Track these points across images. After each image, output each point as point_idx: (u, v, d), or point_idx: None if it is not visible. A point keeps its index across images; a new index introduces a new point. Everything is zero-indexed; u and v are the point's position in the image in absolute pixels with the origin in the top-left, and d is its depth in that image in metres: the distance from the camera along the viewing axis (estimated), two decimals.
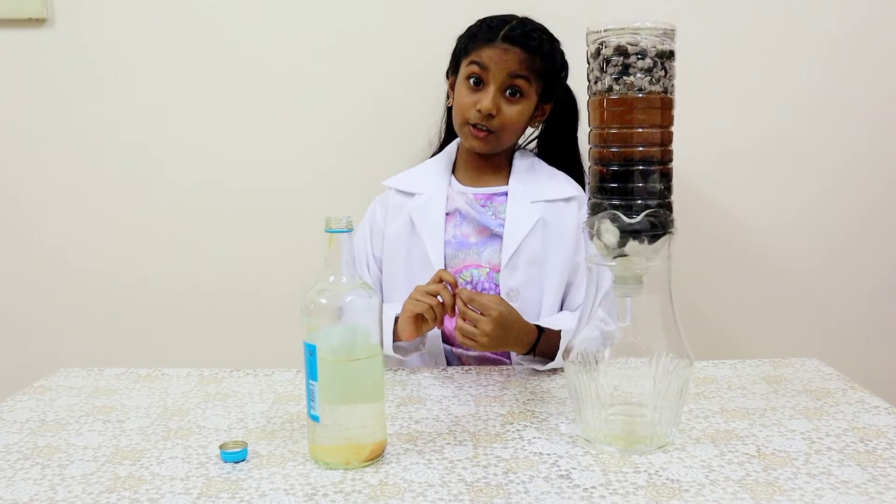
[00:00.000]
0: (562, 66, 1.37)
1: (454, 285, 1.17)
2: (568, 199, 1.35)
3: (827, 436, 0.95)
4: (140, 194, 1.67)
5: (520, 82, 1.30)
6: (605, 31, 0.89)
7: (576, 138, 1.45)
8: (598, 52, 0.89)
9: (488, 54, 1.30)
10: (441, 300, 1.16)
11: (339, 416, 0.89)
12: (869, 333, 1.69)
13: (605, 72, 0.89)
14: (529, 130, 1.42)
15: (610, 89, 0.89)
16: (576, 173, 1.42)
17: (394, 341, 1.23)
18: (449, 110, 1.45)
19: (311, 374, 0.89)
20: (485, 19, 1.35)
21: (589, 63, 0.91)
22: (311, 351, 0.89)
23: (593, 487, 0.83)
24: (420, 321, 1.17)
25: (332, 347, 0.89)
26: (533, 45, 1.30)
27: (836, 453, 0.90)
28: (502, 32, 1.30)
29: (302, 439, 0.97)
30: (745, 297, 1.68)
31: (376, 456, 0.91)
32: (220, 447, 0.92)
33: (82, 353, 1.69)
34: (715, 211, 1.66)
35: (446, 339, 1.33)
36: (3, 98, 1.65)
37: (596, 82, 0.91)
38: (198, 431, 1.01)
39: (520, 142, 1.42)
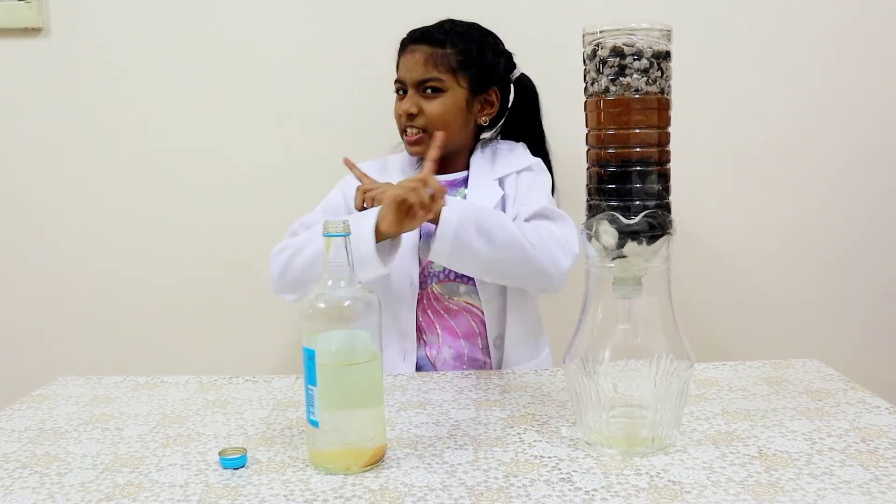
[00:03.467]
0: (486, 53, 1.35)
1: (440, 190, 1.12)
2: (521, 171, 1.35)
3: (828, 436, 0.95)
4: (138, 202, 1.67)
5: (432, 76, 1.31)
6: (601, 32, 0.89)
7: (539, 122, 1.44)
8: (594, 53, 0.89)
9: (401, 63, 1.35)
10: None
11: (339, 422, 0.89)
12: (869, 334, 1.69)
13: (602, 73, 0.89)
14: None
15: (606, 90, 0.89)
16: (541, 152, 1.42)
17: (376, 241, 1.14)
18: None
19: (311, 379, 0.89)
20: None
21: (585, 64, 0.91)
22: (309, 356, 0.88)
23: (595, 490, 0.83)
24: (402, 213, 1.11)
25: (331, 352, 0.88)
26: (438, 38, 1.32)
27: (837, 454, 0.90)
28: (407, 38, 1.35)
29: (301, 445, 0.96)
30: (745, 298, 1.68)
31: (376, 461, 0.90)
32: (220, 454, 0.92)
33: (81, 361, 1.69)
34: (714, 211, 1.66)
35: (429, 365, 1.33)
36: None
37: (592, 83, 0.90)
38: (197, 438, 1.00)
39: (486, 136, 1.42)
